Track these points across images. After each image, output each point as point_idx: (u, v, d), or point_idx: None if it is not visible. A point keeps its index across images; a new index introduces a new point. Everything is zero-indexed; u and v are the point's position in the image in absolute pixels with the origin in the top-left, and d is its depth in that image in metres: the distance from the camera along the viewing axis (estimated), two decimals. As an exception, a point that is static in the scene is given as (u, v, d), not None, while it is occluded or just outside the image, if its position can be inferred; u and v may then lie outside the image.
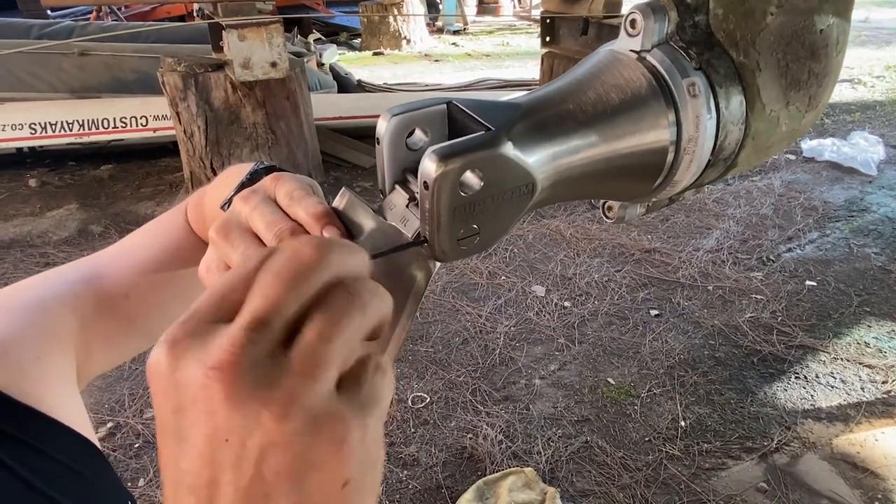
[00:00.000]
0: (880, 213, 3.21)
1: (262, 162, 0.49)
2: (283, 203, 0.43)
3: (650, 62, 0.43)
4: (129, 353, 0.58)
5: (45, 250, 2.97)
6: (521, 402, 1.94)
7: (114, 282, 0.53)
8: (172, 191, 3.63)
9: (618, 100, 0.42)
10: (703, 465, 1.70)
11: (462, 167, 0.35)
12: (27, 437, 0.42)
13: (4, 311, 0.48)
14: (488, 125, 0.38)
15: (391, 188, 0.42)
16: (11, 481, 0.41)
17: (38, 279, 0.53)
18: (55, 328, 0.49)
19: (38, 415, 0.44)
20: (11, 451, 0.42)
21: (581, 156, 0.41)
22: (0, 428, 0.42)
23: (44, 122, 3.73)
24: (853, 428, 1.82)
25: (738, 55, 0.45)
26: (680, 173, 0.45)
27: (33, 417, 0.44)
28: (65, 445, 0.45)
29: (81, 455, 0.46)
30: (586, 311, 2.41)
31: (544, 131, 0.40)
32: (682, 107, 0.42)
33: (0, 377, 0.43)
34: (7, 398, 0.43)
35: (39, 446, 0.43)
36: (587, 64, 0.46)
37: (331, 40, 7.78)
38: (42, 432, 0.44)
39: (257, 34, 2.85)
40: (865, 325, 2.30)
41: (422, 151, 0.42)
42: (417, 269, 0.40)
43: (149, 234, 0.57)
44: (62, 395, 0.47)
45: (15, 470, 0.41)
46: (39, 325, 0.48)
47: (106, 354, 0.54)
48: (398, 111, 0.40)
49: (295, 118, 3.38)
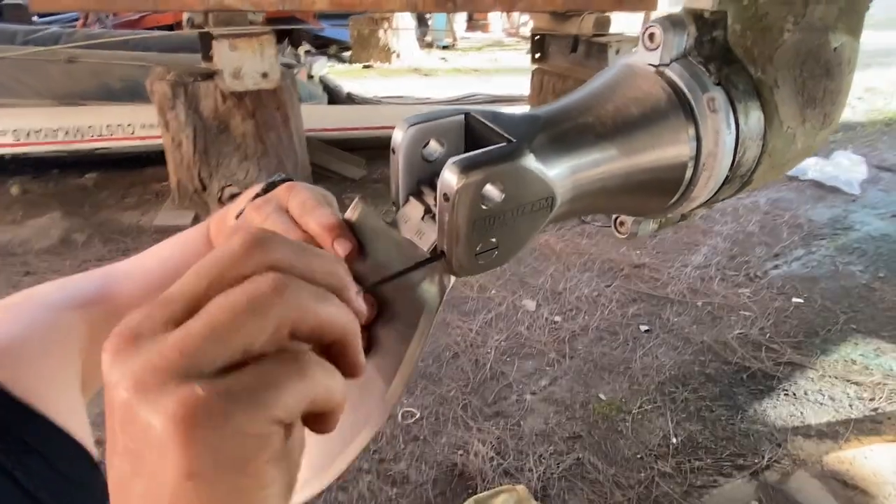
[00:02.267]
0: (864, 231, 3.26)
1: (280, 174, 0.47)
2: (294, 213, 0.41)
3: (669, 76, 0.43)
4: None
5: (26, 259, 2.91)
6: (513, 417, 1.92)
7: (127, 293, 0.53)
8: (158, 200, 3.58)
9: (637, 113, 0.41)
10: (694, 482, 1.70)
11: (484, 179, 0.34)
12: (28, 438, 0.41)
13: (15, 312, 0.48)
14: (509, 137, 0.37)
15: (405, 200, 0.41)
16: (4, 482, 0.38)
17: (51, 285, 0.53)
18: (63, 333, 0.48)
19: (38, 416, 0.42)
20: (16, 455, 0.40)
21: (600, 170, 0.40)
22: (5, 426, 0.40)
23: (28, 128, 3.68)
24: (842, 445, 1.83)
25: (757, 71, 0.44)
26: (698, 189, 0.44)
27: (33, 419, 0.42)
28: (64, 453, 0.43)
29: (79, 465, 0.44)
30: (577, 325, 2.40)
31: (564, 144, 0.39)
32: (702, 122, 0.42)
33: (3, 373, 0.42)
34: (9, 395, 0.42)
35: (38, 448, 0.41)
36: (603, 77, 0.45)
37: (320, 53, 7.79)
38: (42, 435, 0.42)
39: (249, 44, 2.84)
40: (852, 343, 2.32)
41: (437, 163, 0.41)
42: (431, 284, 0.39)
43: (168, 247, 0.56)
44: (65, 401, 0.46)
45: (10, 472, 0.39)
46: (47, 328, 0.47)
47: None
48: (415, 121, 0.39)
49: (285, 129, 3.36)
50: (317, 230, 0.40)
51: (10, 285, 2.67)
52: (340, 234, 0.39)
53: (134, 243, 3.08)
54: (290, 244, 0.26)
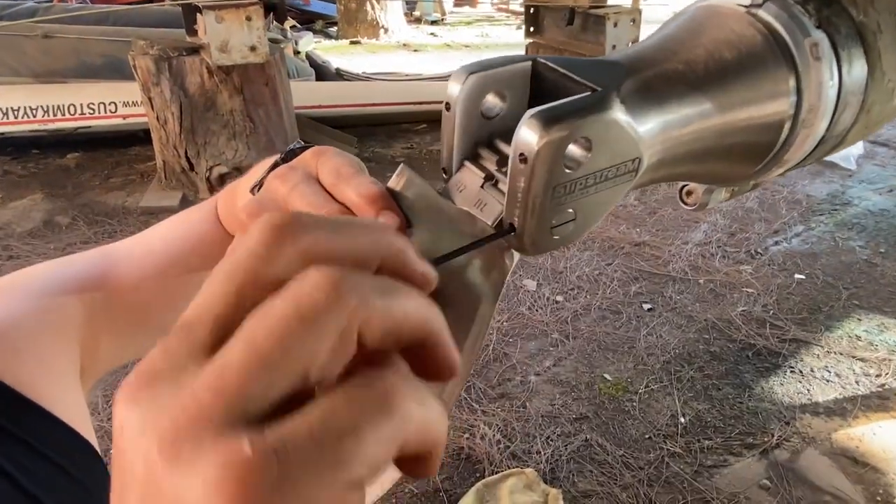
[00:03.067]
0: (862, 206, 3.24)
1: (299, 141, 0.41)
2: (327, 182, 0.35)
3: (764, 17, 0.36)
4: (140, 349, 0.53)
5: (7, 243, 2.81)
6: (518, 399, 1.88)
7: (125, 272, 0.48)
8: (144, 181, 3.48)
9: (732, 58, 0.35)
10: (704, 462, 1.67)
11: (570, 135, 0.28)
12: (19, 431, 0.38)
13: (7, 293, 0.44)
14: (592, 85, 0.31)
15: (459, 165, 0.34)
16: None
17: (47, 265, 0.49)
18: (58, 316, 0.44)
19: (32, 406, 0.39)
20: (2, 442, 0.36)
21: (692, 128, 0.34)
22: None
23: (5, 107, 3.54)
24: (851, 422, 1.81)
25: (858, 14, 0.38)
26: (793, 151, 0.38)
27: (27, 409, 0.39)
28: (61, 444, 0.40)
29: (79, 458, 0.41)
30: (579, 305, 2.36)
31: (653, 95, 0.33)
32: (804, 71, 0.36)
33: None
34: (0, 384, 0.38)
35: (33, 442, 0.38)
36: (681, 19, 0.39)
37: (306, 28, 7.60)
38: (37, 427, 0.39)
39: (236, 16, 2.72)
40: (855, 319, 2.30)
41: (498, 120, 0.35)
42: (492, 264, 0.33)
43: (171, 225, 0.51)
44: (61, 389, 0.42)
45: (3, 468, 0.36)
46: (41, 311, 0.43)
47: (114, 349, 0.49)
48: (475, 69, 0.33)
49: (274, 105, 3.26)
50: (357, 201, 0.34)
51: (-8, 270, 2.58)
52: (386, 206, 0.33)
53: (120, 225, 2.98)
54: (324, 221, 0.20)
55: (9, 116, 3.55)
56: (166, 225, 0.52)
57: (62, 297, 0.46)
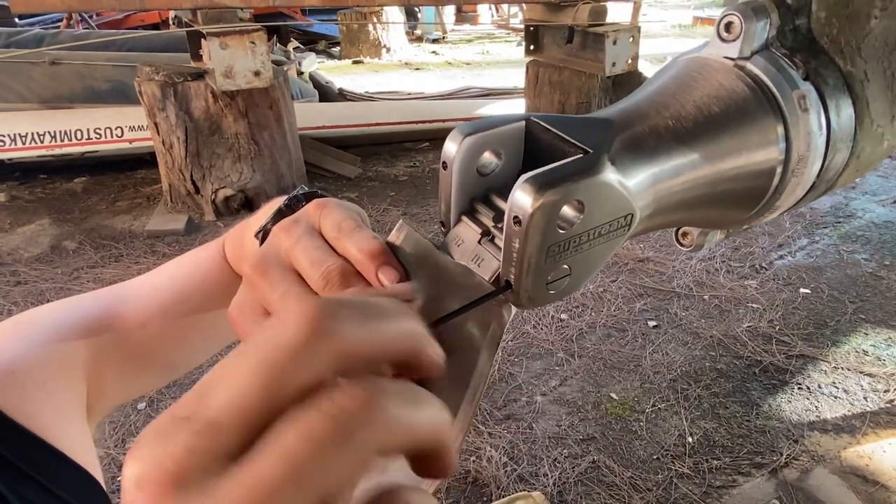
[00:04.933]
0: (866, 218, 3.24)
1: (302, 187, 0.42)
2: (329, 236, 0.36)
3: (752, 70, 0.37)
4: (145, 386, 0.55)
5: (15, 268, 2.83)
6: (524, 420, 1.87)
7: (133, 310, 0.49)
8: (150, 204, 3.51)
9: (721, 112, 0.36)
10: (713, 482, 1.66)
11: (563, 199, 0.29)
12: (29, 468, 0.39)
13: (17, 334, 0.46)
14: (584, 146, 0.32)
15: (457, 220, 0.35)
16: None
17: (56, 305, 0.51)
18: (65, 355, 0.45)
19: (40, 443, 0.40)
20: (9, 480, 0.37)
21: (682, 179, 0.35)
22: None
23: (13, 133, 3.59)
24: (860, 439, 1.79)
25: (846, 64, 0.39)
26: (784, 198, 0.39)
27: (35, 446, 0.40)
28: (69, 481, 0.41)
29: (84, 494, 0.42)
30: (584, 323, 2.36)
31: (643, 150, 0.34)
32: (793, 123, 0.37)
33: (2, 398, 0.40)
34: (9, 421, 0.39)
35: (41, 479, 0.39)
36: (671, 73, 0.40)
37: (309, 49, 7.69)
38: (44, 463, 0.40)
39: (240, 42, 2.76)
40: (862, 333, 2.29)
41: (493, 177, 0.36)
42: (490, 317, 0.34)
43: (179, 264, 0.53)
44: (68, 427, 0.43)
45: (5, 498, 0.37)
46: (49, 351, 0.45)
47: (120, 386, 0.51)
48: (470, 130, 0.34)
49: (278, 128, 3.29)
50: (357, 256, 0.34)
51: (0, 295, 2.60)
52: (385, 262, 0.34)
53: (126, 249, 3.01)
54: (357, 314, 0.20)
55: (17, 142, 3.60)
56: (175, 263, 0.53)
57: (70, 335, 0.47)
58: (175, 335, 0.52)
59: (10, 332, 0.46)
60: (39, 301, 2.54)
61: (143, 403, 1.97)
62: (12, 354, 0.43)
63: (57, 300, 0.51)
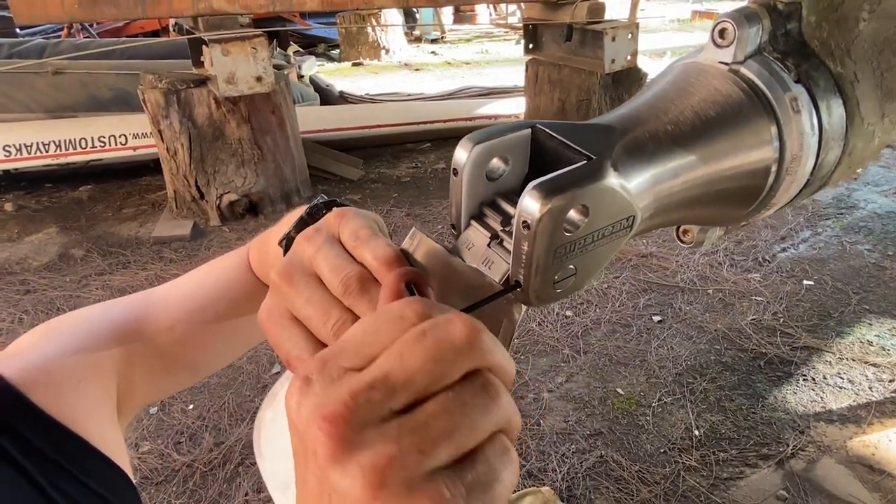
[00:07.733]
0: (868, 209, 3.24)
1: (322, 196, 0.44)
2: (347, 244, 0.38)
3: (745, 75, 0.39)
4: (173, 386, 0.58)
5: (24, 277, 2.86)
6: (532, 417, 1.89)
7: (161, 314, 0.52)
8: (155, 210, 3.54)
9: (717, 115, 0.38)
10: (720, 474, 1.67)
11: (569, 204, 0.31)
12: (62, 459, 0.42)
13: (55, 334, 0.49)
14: (587, 152, 0.34)
15: (467, 224, 0.37)
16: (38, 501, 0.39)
17: (93, 308, 0.54)
18: (98, 357, 0.48)
19: (76, 439, 0.43)
20: (44, 471, 0.40)
21: (681, 180, 0.37)
22: (37, 446, 0.41)
23: (18, 143, 3.62)
24: (866, 429, 1.81)
25: (836, 66, 0.41)
26: (779, 195, 0.41)
27: (70, 440, 0.43)
28: (100, 473, 0.44)
29: (116, 486, 0.45)
30: (588, 319, 2.38)
31: (643, 154, 0.36)
32: (786, 124, 0.38)
33: (40, 396, 0.43)
34: (46, 417, 0.42)
35: (74, 471, 0.42)
36: (668, 78, 0.42)
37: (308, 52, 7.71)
38: (78, 456, 0.43)
39: (241, 48, 2.78)
40: (866, 324, 2.30)
41: (501, 182, 0.38)
42: (500, 317, 0.36)
43: (206, 271, 0.56)
44: (100, 424, 0.46)
45: (46, 492, 0.40)
46: (83, 352, 0.48)
47: (148, 386, 0.53)
48: (479, 139, 0.36)
49: (281, 132, 3.32)
50: (373, 263, 0.37)
51: (10, 304, 2.63)
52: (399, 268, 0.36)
53: (133, 255, 3.03)
54: (500, 345, 0.27)
55: (22, 152, 3.63)
56: (203, 270, 0.56)
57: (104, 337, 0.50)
58: (201, 339, 0.54)
59: (45, 336, 0.48)
60: (49, 309, 2.56)
61: (155, 408, 2.00)
62: (49, 355, 0.46)
63: (86, 306, 0.53)
